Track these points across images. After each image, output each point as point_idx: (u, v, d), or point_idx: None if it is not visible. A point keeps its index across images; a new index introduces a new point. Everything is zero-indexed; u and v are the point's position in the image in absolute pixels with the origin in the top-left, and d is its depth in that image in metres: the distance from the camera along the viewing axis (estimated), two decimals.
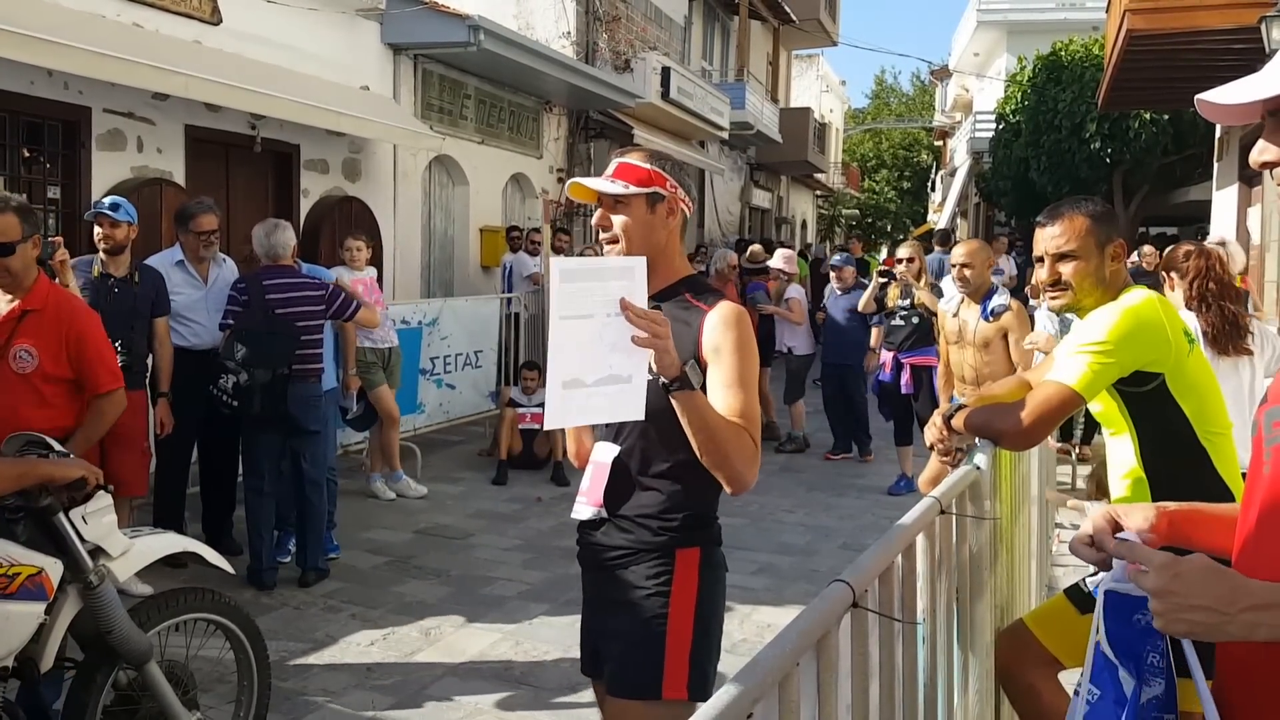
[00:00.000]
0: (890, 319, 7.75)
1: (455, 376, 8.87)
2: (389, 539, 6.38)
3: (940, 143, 42.48)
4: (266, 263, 5.55)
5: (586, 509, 2.35)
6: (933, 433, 2.92)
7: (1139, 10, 9.15)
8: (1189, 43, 9.49)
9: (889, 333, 7.77)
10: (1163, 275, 4.50)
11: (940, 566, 2.38)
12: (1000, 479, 3.05)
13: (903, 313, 7.60)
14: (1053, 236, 2.66)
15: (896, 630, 2.03)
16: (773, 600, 5.35)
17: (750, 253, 11.84)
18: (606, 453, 2.34)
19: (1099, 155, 18.17)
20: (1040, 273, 2.72)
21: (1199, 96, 1.44)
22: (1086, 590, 2.66)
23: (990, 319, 5.64)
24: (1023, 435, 2.60)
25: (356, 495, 7.17)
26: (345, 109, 8.46)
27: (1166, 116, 17.12)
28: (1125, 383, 2.54)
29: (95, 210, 5.25)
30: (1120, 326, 2.50)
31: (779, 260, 10.18)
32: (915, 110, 50.86)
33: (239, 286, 5.50)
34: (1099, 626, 1.53)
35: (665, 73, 14.89)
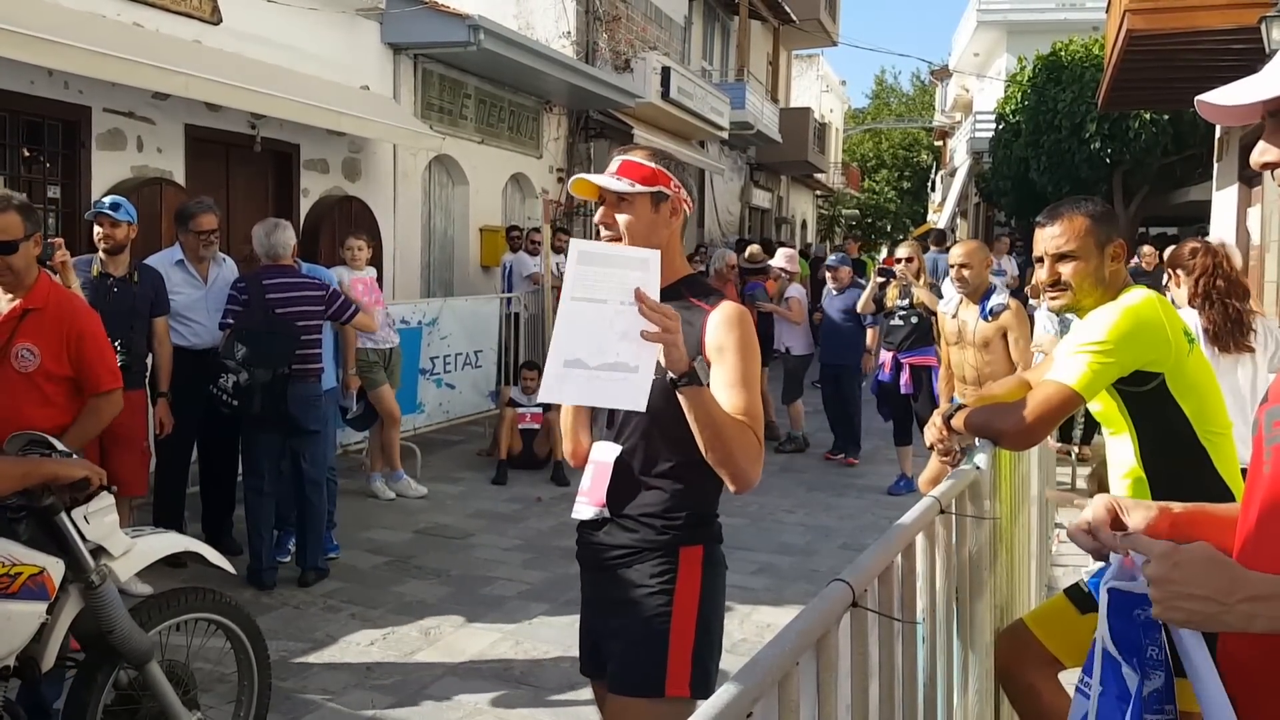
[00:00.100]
0: (889, 319, 7.75)
1: (455, 376, 8.87)
2: (389, 539, 6.39)
3: (940, 143, 42.49)
4: (266, 262, 5.55)
5: (588, 509, 2.33)
6: (932, 433, 2.93)
7: (1139, 10, 9.14)
8: (1189, 43, 9.48)
9: (888, 333, 7.76)
10: (1168, 272, 4.49)
11: (940, 566, 2.38)
12: (1000, 479, 3.05)
13: (902, 312, 7.59)
14: (1052, 237, 2.66)
15: (896, 630, 2.03)
16: (772, 600, 5.35)
17: (749, 253, 11.83)
18: (608, 452, 2.33)
19: (1099, 155, 18.16)
20: (1040, 273, 2.72)
21: (1199, 98, 1.44)
22: (1086, 590, 2.66)
23: (989, 319, 5.64)
24: (1023, 435, 2.60)
25: (356, 495, 7.18)
26: (345, 109, 8.47)
27: (1166, 117, 17.11)
28: (1125, 382, 2.54)
29: (95, 210, 5.25)
30: (1120, 326, 2.50)
31: (781, 259, 10.17)
32: (915, 110, 50.86)
33: (239, 286, 5.51)
34: (1103, 623, 1.53)
35: (665, 72, 14.89)
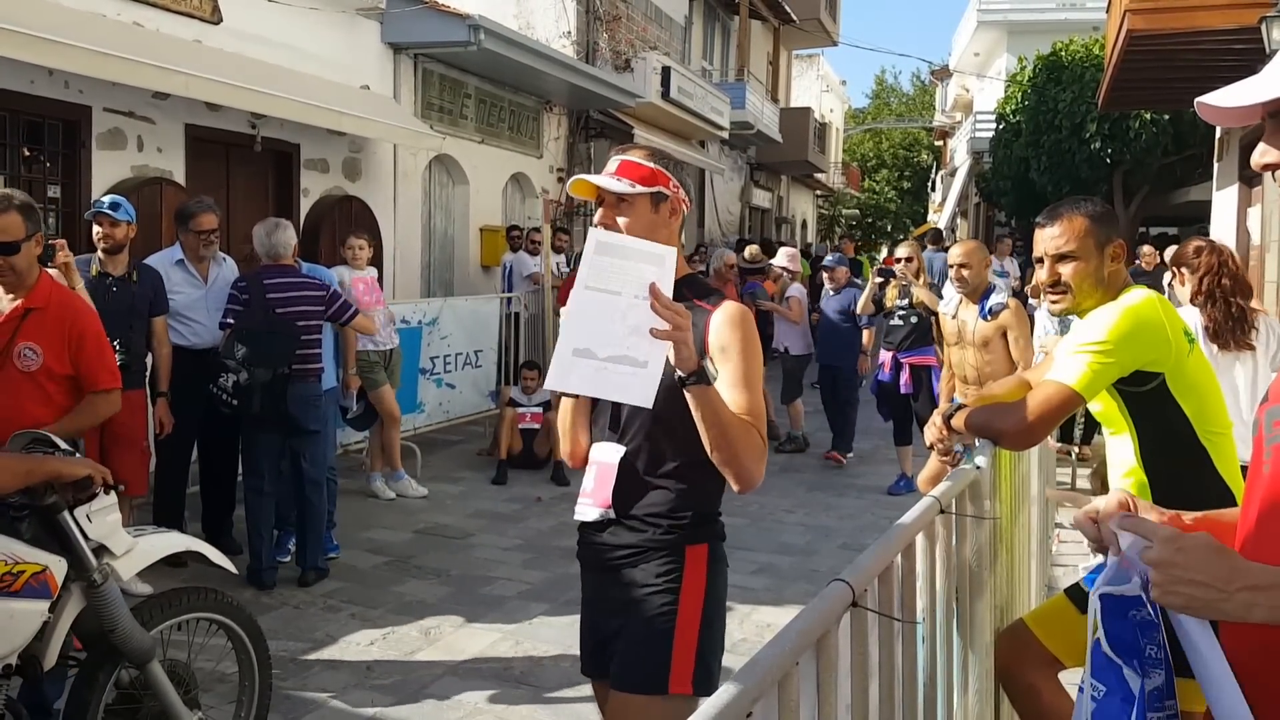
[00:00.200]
0: (888, 319, 7.74)
1: (455, 376, 8.87)
2: (389, 539, 6.39)
3: (940, 143, 42.47)
4: (267, 262, 5.55)
5: (593, 510, 2.33)
6: (932, 432, 2.93)
7: (1139, 10, 9.14)
8: (1189, 43, 9.47)
9: (888, 332, 7.75)
10: (1172, 270, 4.49)
11: (940, 566, 2.38)
12: (1000, 479, 3.05)
13: (901, 312, 7.58)
14: (1052, 237, 2.66)
15: (896, 630, 2.03)
16: (772, 600, 5.35)
17: (748, 253, 11.83)
18: (612, 453, 2.32)
19: (1099, 155, 18.16)
20: (1040, 274, 2.72)
21: (1199, 100, 1.44)
22: (1085, 589, 2.66)
23: (988, 318, 5.64)
24: (1023, 435, 2.60)
25: (356, 495, 7.18)
26: (345, 108, 8.47)
27: (1167, 117, 17.11)
28: (1125, 382, 2.54)
29: (94, 209, 5.25)
30: (1120, 326, 2.50)
31: (782, 258, 10.16)
32: (915, 110, 50.85)
33: (239, 285, 5.51)
34: (1097, 628, 1.53)
35: (665, 72, 14.89)
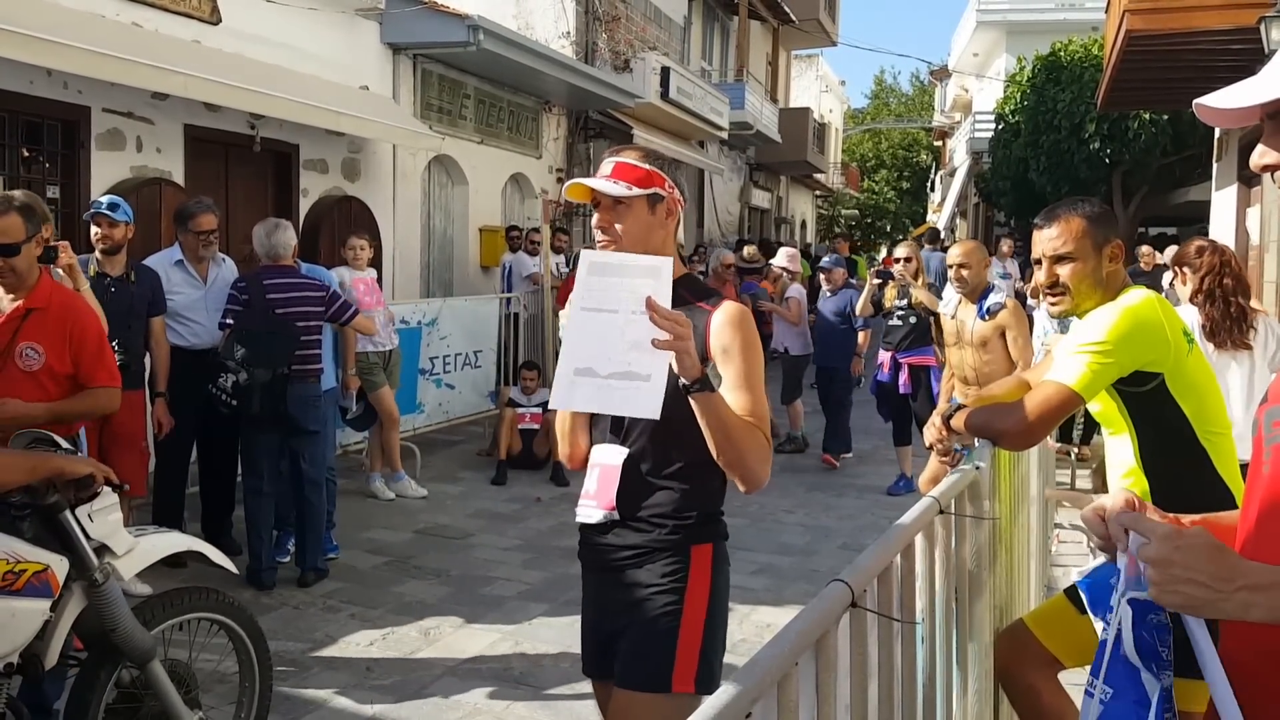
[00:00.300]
0: (887, 319, 7.74)
1: (455, 376, 8.87)
2: (388, 539, 6.39)
3: (939, 143, 42.49)
4: (267, 262, 5.55)
5: (597, 512, 2.32)
6: (932, 433, 2.93)
7: (1138, 11, 9.15)
8: (1188, 43, 9.48)
9: (886, 333, 7.74)
10: (1173, 269, 4.51)
11: (939, 566, 2.38)
12: (999, 479, 3.06)
13: (900, 313, 7.58)
14: (1049, 239, 2.66)
15: (895, 630, 2.03)
16: (772, 600, 5.35)
17: (745, 253, 11.82)
18: (615, 455, 2.32)
19: (1098, 156, 18.17)
20: (1039, 275, 2.72)
21: (1197, 102, 1.43)
22: (1082, 593, 2.66)
23: (986, 318, 5.64)
24: (1022, 435, 2.61)
25: (356, 495, 7.18)
26: (345, 109, 8.46)
27: (1166, 117, 17.12)
28: (1125, 383, 2.54)
29: (93, 210, 5.25)
30: (1119, 326, 2.51)
31: (782, 259, 10.14)
32: (915, 110, 50.86)
33: (239, 286, 5.50)
34: (1121, 634, 1.52)
35: (665, 73, 14.89)
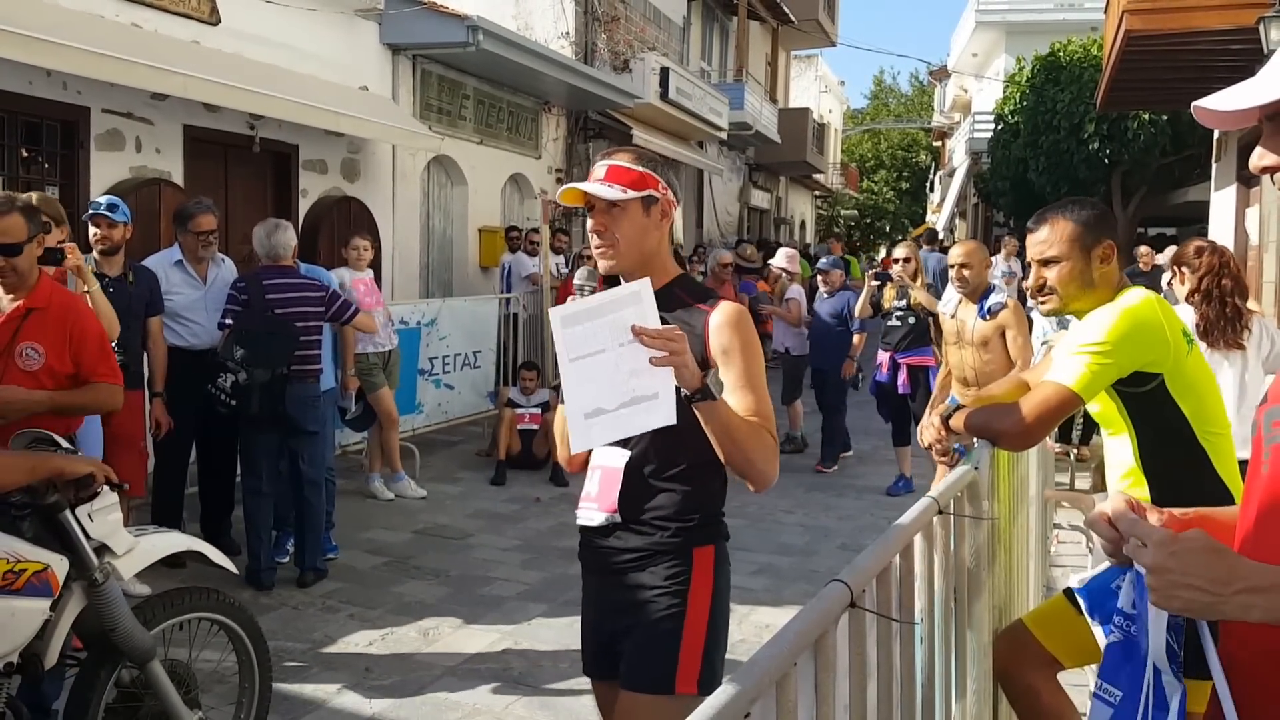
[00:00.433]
0: (886, 319, 7.73)
1: (454, 377, 8.87)
2: (387, 539, 6.39)
3: (939, 143, 42.52)
4: (266, 263, 5.55)
5: (598, 514, 2.32)
6: (930, 433, 2.93)
7: (1137, 11, 9.15)
8: (1187, 43, 9.49)
9: (885, 333, 7.74)
10: (1172, 269, 4.52)
11: (938, 567, 2.38)
12: (998, 479, 3.06)
13: (899, 313, 7.57)
14: (1037, 242, 2.71)
15: (894, 630, 2.03)
16: (771, 600, 5.35)
17: (745, 251, 11.83)
18: (616, 457, 2.31)
19: (1097, 156, 18.19)
20: (1030, 277, 2.77)
21: (1195, 104, 1.43)
22: (1080, 597, 2.65)
23: (987, 317, 5.65)
24: (1021, 436, 2.61)
25: (355, 495, 7.18)
26: (344, 109, 8.46)
27: (1165, 117, 17.13)
28: (1124, 383, 2.55)
29: (91, 210, 5.25)
30: (1119, 327, 2.51)
31: (781, 259, 10.11)
32: (914, 111, 50.87)
33: (239, 286, 5.50)
34: (1142, 638, 1.52)
35: (664, 73, 14.89)
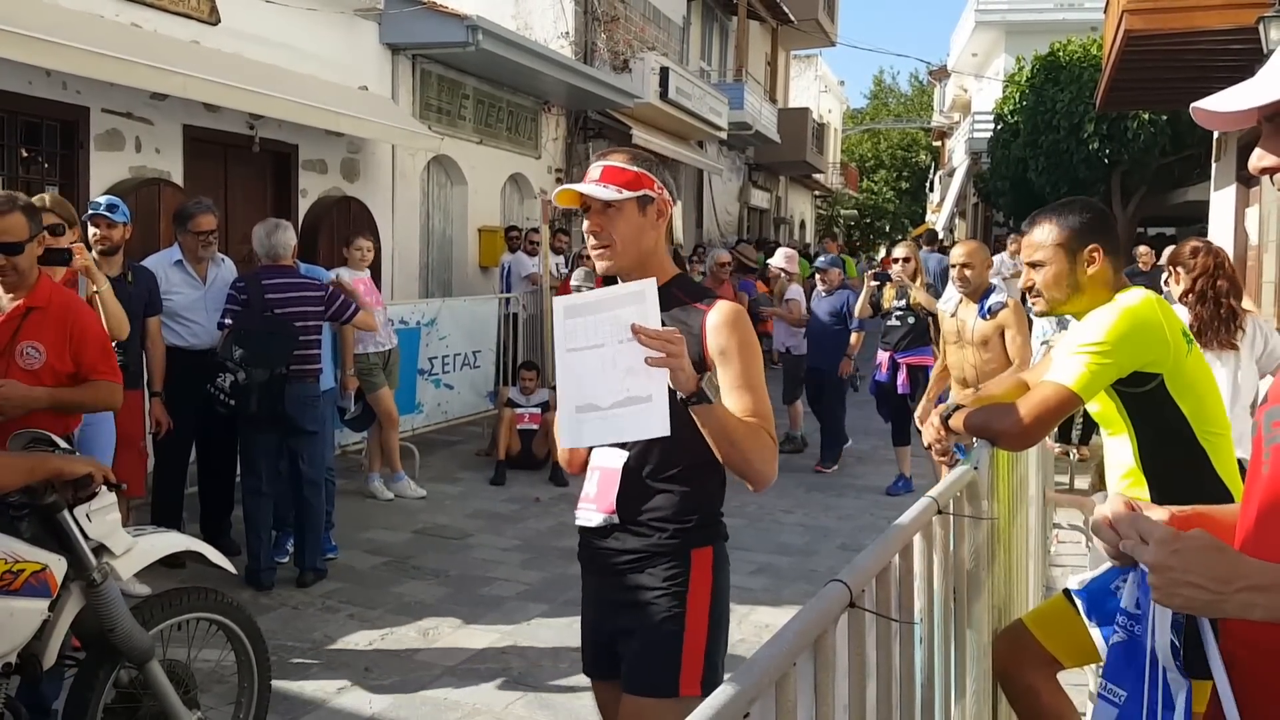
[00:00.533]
0: (886, 319, 7.73)
1: (453, 377, 8.87)
2: (387, 539, 6.38)
3: (938, 143, 42.53)
4: (266, 262, 5.55)
5: (596, 515, 2.32)
6: (930, 433, 2.93)
7: (1137, 10, 9.15)
8: (1187, 43, 9.49)
9: (885, 333, 7.74)
10: (1169, 269, 4.53)
11: (938, 567, 2.38)
12: (998, 479, 3.06)
13: (898, 313, 7.57)
14: (1026, 244, 2.76)
15: (894, 630, 2.03)
16: (771, 600, 5.35)
17: (745, 250, 11.83)
18: (614, 458, 2.31)
19: (1097, 156, 18.18)
20: (1022, 277, 2.82)
21: (1194, 105, 1.43)
22: (1078, 599, 2.65)
23: (987, 316, 5.65)
24: (1021, 436, 2.61)
25: (354, 495, 7.17)
26: (343, 109, 8.46)
27: (1165, 117, 17.13)
28: (1124, 383, 2.55)
29: (91, 211, 5.24)
30: (1118, 327, 2.51)
31: (780, 259, 10.11)
32: (914, 110, 50.89)
33: (238, 286, 5.51)
34: (1146, 636, 1.52)
35: (664, 73, 14.89)
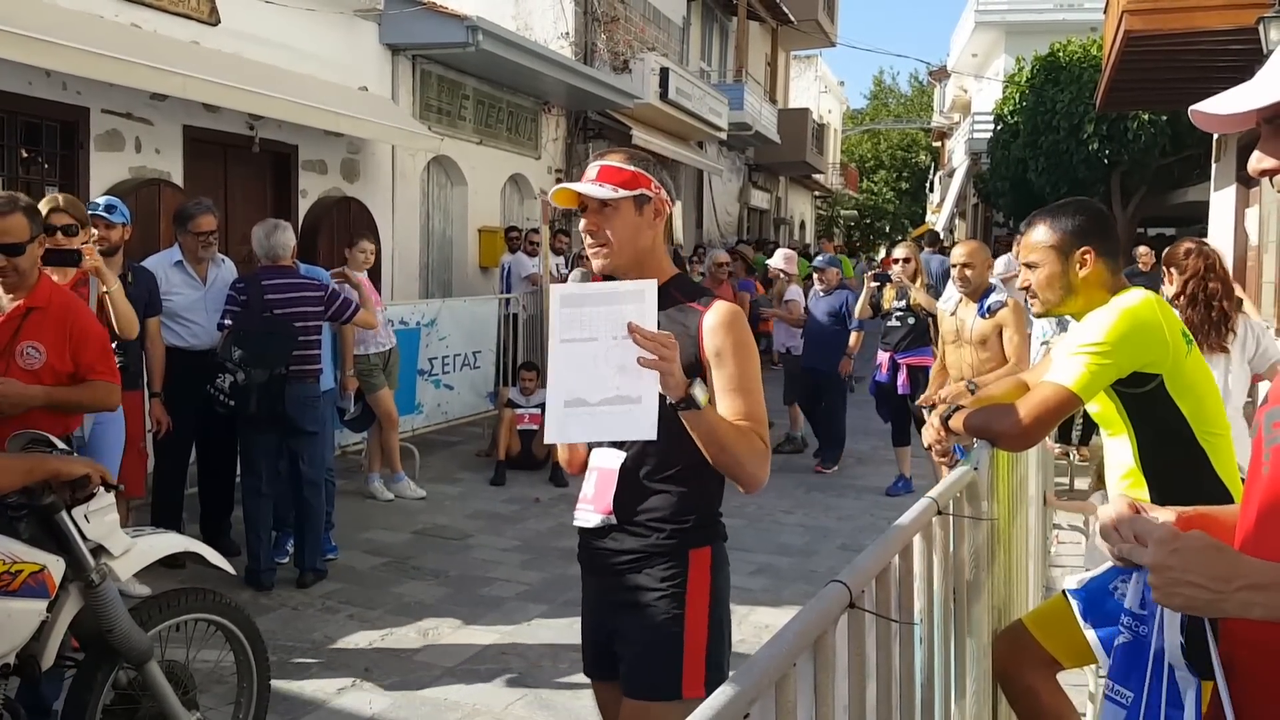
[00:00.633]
0: (886, 319, 7.73)
1: (453, 377, 8.86)
2: (387, 540, 6.38)
3: (938, 143, 42.53)
4: (266, 263, 5.55)
5: (594, 516, 2.32)
6: (930, 433, 2.93)
7: (1137, 11, 9.16)
8: (1187, 43, 9.50)
9: (885, 333, 7.74)
10: (1164, 270, 4.55)
11: (938, 567, 2.38)
12: (998, 480, 3.06)
13: (898, 313, 7.57)
14: (1023, 245, 2.79)
15: (894, 631, 2.03)
16: (771, 601, 5.35)
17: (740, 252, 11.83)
18: (612, 459, 2.31)
19: (1097, 156, 18.19)
20: (1019, 277, 2.84)
21: (1193, 108, 1.43)
22: (1076, 600, 2.65)
23: (986, 316, 5.66)
24: (1020, 436, 2.61)
25: (354, 496, 7.17)
26: (343, 109, 8.46)
27: (1164, 117, 17.14)
28: (1123, 383, 2.55)
29: (90, 211, 5.24)
30: (1118, 327, 2.51)
31: (779, 260, 10.10)
32: (913, 111, 50.90)
33: (238, 286, 5.51)
34: (1154, 637, 1.52)
35: (664, 73, 14.89)
